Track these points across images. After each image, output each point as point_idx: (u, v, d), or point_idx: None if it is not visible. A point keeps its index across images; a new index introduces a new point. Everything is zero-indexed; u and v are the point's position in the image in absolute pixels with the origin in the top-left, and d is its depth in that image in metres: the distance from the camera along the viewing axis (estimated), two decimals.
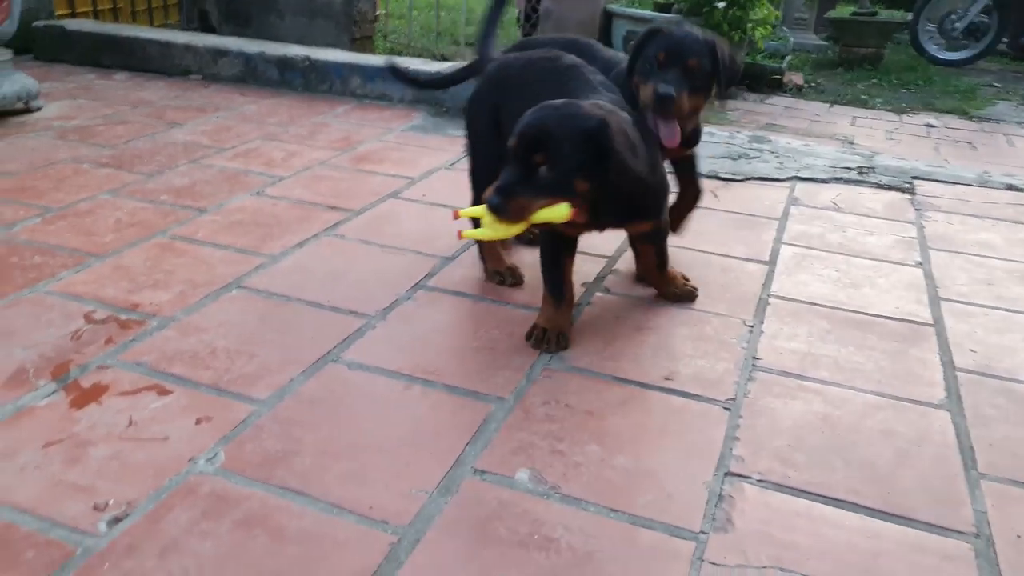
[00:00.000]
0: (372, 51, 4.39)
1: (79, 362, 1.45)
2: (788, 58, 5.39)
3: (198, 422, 1.31)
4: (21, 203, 2.14)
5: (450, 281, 1.83)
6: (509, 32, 5.33)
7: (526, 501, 1.17)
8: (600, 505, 1.17)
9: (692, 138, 1.81)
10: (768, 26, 4.15)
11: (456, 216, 1.46)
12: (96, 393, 1.37)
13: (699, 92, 1.66)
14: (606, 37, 4.49)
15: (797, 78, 5.14)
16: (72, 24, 3.81)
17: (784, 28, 5.49)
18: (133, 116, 3.00)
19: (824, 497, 1.21)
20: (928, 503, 1.21)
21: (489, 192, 1.37)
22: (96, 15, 4.21)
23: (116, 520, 1.10)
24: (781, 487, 1.22)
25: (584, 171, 1.36)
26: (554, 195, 1.36)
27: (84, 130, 2.80)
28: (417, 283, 1.81)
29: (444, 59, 4.27)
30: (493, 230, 1.36)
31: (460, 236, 1.46)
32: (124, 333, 1.55)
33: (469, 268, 1.90)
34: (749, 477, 1.24)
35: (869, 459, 1.30)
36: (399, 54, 4.70)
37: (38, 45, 3.76)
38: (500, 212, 1.34)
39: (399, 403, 1.38)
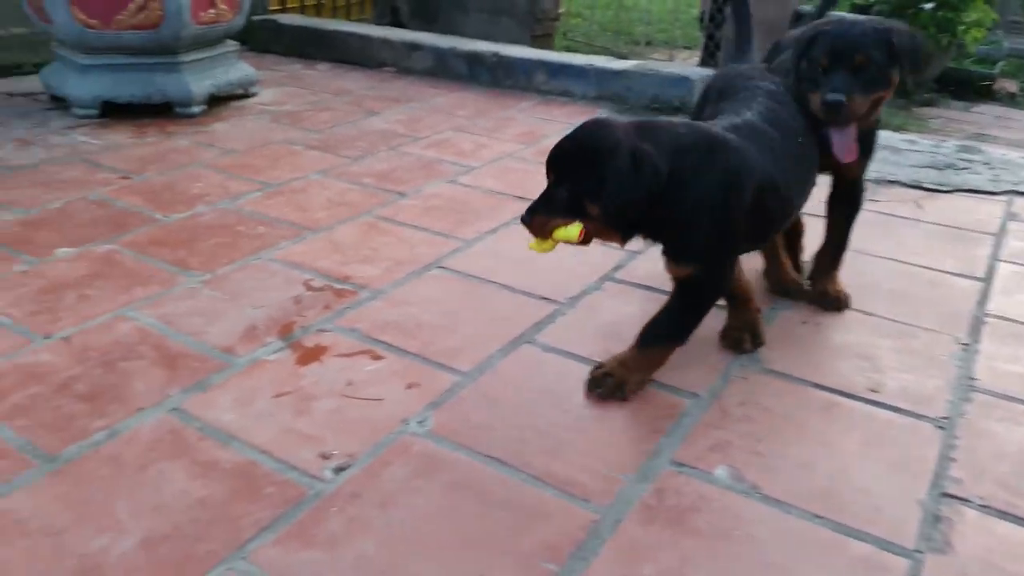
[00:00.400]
0: (552, 48, 4.47)
1: (301, 324, 1.60)
2: (1001, 64, 4.94)
3: (408, 387, 1.40)
4: (244, 178, 2.37)
5: (637, 274, 1.85)
6: (687, 34, 5.26)
7: (726, 497, 1.17)
8: (803, 509, 1.15)
9: (865, 143, 1.61)
10: (982, 29, 3.83)
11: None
12: (317, 353, 1.50)
13: (874, 89, 1.49)
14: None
15: (1010, 85, 4.70)
16: (284, 18, 4.16)
17: (998, 31, 5.04)
18: (336, 104, 3.23)
19: None
20: None
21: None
22: (303, 10, 4.56)
23: (340, 469, 1.20)
24: (1006, 515, 1.15)
25: (594, 194, 1.28)
26: (567, 215, 1.31)
27: (294, 115, 3.05)
28: (605, 274, 1.84)
29: (624, 58, 4.28)
30: (537, 243, 1.36)
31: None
32: (339, 301, 1.69)
33: (656, 262, 1.90)
34: (969, 501, 1.17)
35: None
36: (576, 52, 4.76)
37: (253, 37, 4.12)
38: (526, 225, 1.34)
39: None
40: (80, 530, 1.07)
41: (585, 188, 1.28)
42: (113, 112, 2.91)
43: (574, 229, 1.31)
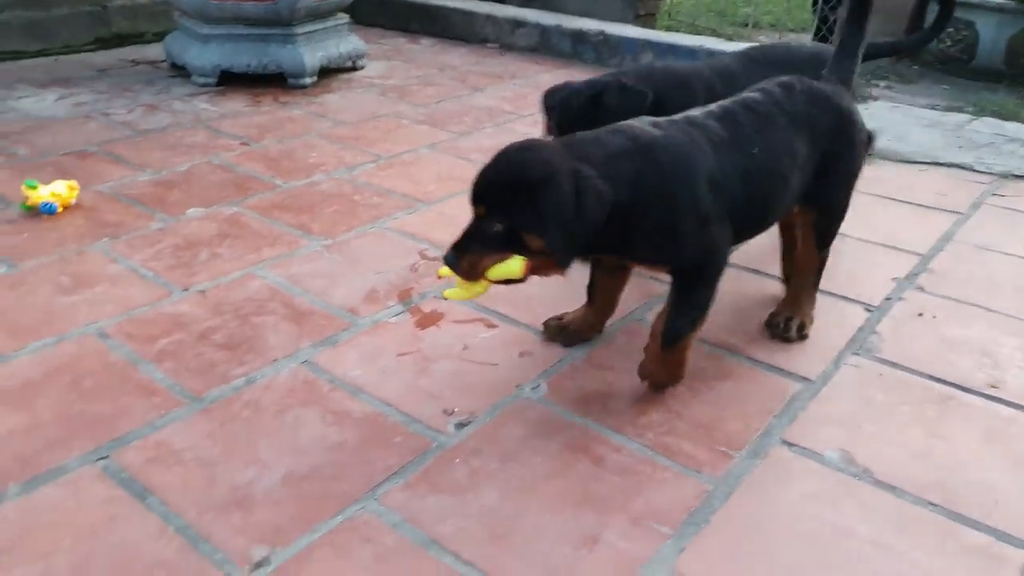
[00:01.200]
0: (655, 28, 4.43)
1: (418, 290, 1.68)
2: None
3: (521, 355, 1.46)
4: (357, 149, 2.47)
5: (742, 258, 1.85)
6: (795, 16, 5.12)
7: (835, 477, 1.19)
8: (917, 496, 1.16)
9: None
10: None
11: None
12: (435, 318, 1.58)
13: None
14: (918, 25, 4.14)
15: None
16: None
17: None
18: (440, 79, 3.31)
19: None
20: None
21: (448, 247, 1.22)
22: None
23: (462, 425, 1.27)
24: None
25: (535, 226, 1.14)
26: (503, 250, 1.17)
27: (400, 89, 3.14)
28: None
29: (729, 40, 4.21)
30: (462, 288, 1.22)
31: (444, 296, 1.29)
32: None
33: (755, 245, 1.90)
34: None
35: None
36: (679, 32, 4.70)
37: (359, 10, 4.22)
38: (454, 268, 1.21)
39: (706, 366, 1.45)
40: (229, 463, 1.18)
41: (522, 221, 1.14)
42: (230, 80, 3.06)
43: (516, 264, 1.17)
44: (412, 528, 1.07)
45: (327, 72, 3.24)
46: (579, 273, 1.34)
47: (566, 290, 1.67)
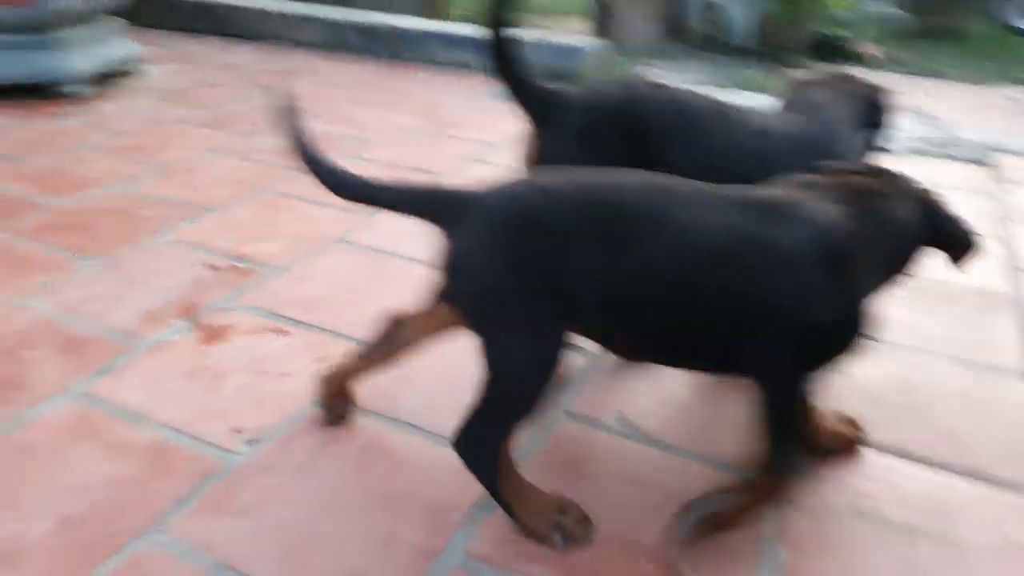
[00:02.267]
0: (448, 19, 4.48)
1: (204, 304, 1.62)
2: (867, 28, 5.27)
3: (316, 360, 1.45)
4: (136, 159, 2.32)
5: None
6: (583, 2, 5.33)
7: (611, 440, 1.28)
8: (676, 447, 1.28)
9: None
10: None
11: None
12: (223, 332, 1.53)
13: None
14: (678, 7, 4.47)
15: (874, 49, 5.03)
16: None
17: None
18: (227, 79, 3.17)
19: (901, 454, 1.30)
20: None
21: None
22: None
23: (254, 441, 1.25)
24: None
25: None
26: None
27: (184, 92, 2.98)
28: None
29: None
30: None
31: None
32: (241, 280, 1.71)
33: None
34: None
35: (950, 423, 1.37)
36: (471, 22, 4.78)
37: (140, 12, 3.94)
38: None
39: None
40: None
41: None
42: None
43: None
44: (200, 555, 1.04)
45: (104, 80, 3.01)
46: (370, 269, 1.33)
47: (364, 291, 1.68)
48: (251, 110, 2.80)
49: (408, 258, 1.83)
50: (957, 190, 2.41)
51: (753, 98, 3.27)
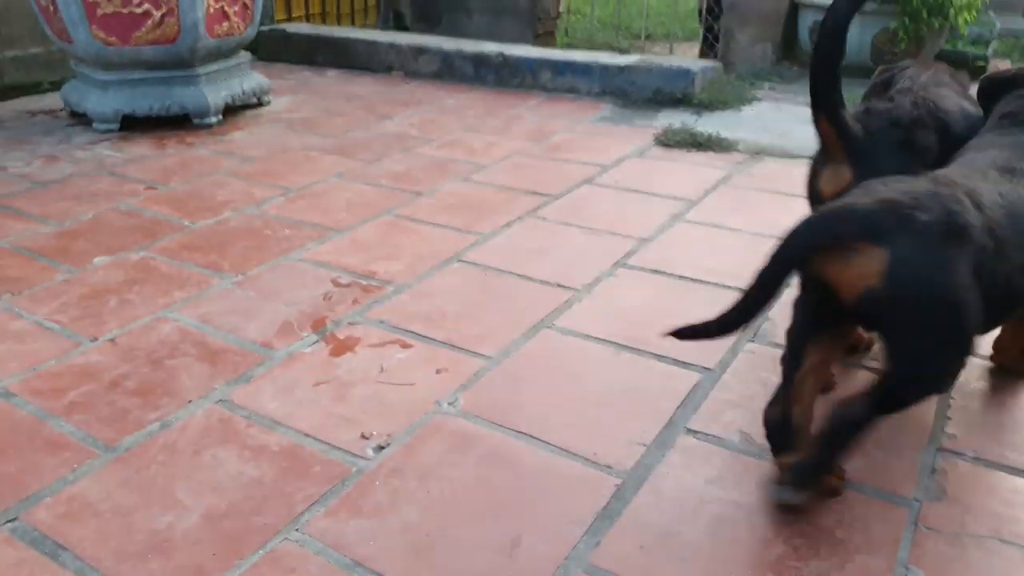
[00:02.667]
0: (554, 46, 4.56)
1: (333, 318, 1.69)
2: (993, 44, 5.00)
3: (437, 372, 1.50)
4: (266, 184, 2.47)
5: (648, 261, 1.94)
6: (685, 26, 5.33)
7: (740, 460, 1.26)
8: None
9: None
10: (974, 11, 3.90)
11: None
12: (350, 344, 1.60)
13: None
14: (792, 28, 4.39)
15: (1005, 65, 4.77)
16: (292, 27, 4.26)
17: (990, 12, 5.10)
18: (348, 109, 3.33)
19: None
20: None
21: None
22: (308, 19, 4.67)
23: (380, 448, 1.30)
24: (993, 464, 1.24)
25: None
26: None
27: (308, 121, 3.15)
28: (617, 261, 1.93)
29: (624, 52, 4.36)
30: None
31: None
32: (366, 296, 1.78)
33: (665, 249, 1.99)
34: (963, 454, 1.27)
35: None
36: (577, 48, 4.84)
37: (262, 46, 4.22)
38: None
39: (611, 366, 1.51)
40: (146, 509, 1.17)
41: None
42: (133, 125, 3.02)
43: None
44: (335, 553, 1.09)
45: (233, 110, 3.23)
46: (485, 286, 1.37)
47: (480, 307, 1.72)
48: (374, 138, 2.94)
49: (519, 275, 1.86)
50: None
51: None
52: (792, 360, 1.15)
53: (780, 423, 1.15)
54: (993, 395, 1.42)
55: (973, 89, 1.50)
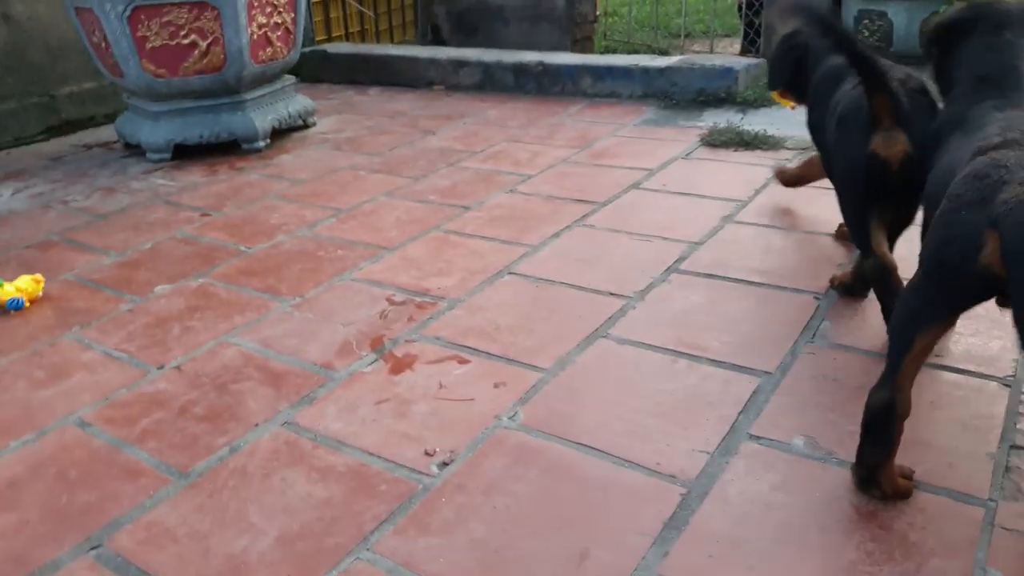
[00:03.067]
0: (592, 50, 4.56)
1: (390, 336, 1.72)
2: None
3: (495, 386, 1.51)
4: (317, 205, 2.52)
5: (701, 264, 1.92)
6: (725, 21, 5.26)
7: (804, 464, 1.24)
8: None
9: None
10: None
11: None
12: (408, 362, 1.62)
13: None
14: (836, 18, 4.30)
15: None
16: (332, 47, 4.34)
17: None
18: (392, 126, 3.38)
19: None
20: None
21: None
22: (347, 38, 4.75)
23: (444, 464, 1.31)
24: None
25: None
26: None
27: (354, 140, 3.21)
28: (669, 266, 1.92)
29: (663, 53, 4.34)
30: None
31: None
32: (421, 313, 1.81)
33: (717, 251, 1.98)
34: None
35: None
36: (615, 51, 4.83)
37: (304, 68, 4.30)
38: None
39: (668, 374, 1.50)
40: (222, 533, 1.20)
41: None
42: (185, 154, 3.11)
43: None
44: (407, 571, 1.11)
45: (280, 133, 3.30)
46: (537, 298, 1.37)
47: (534, 319, 1.73)
48: (419, 154, 2.97)
49: (570, 285, 1.87)
50: None
51: None
52: (901, 344, 1.13)
53: (885, 408, 1.14)
54: None
55: None
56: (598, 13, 4.83)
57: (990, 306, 1.62)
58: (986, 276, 1.02)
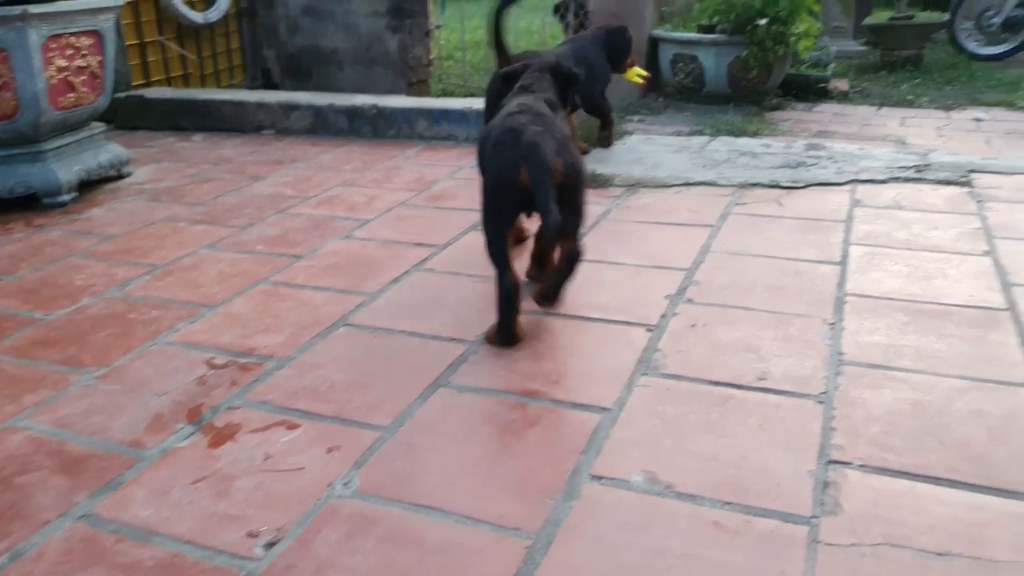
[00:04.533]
0: (428, 94, 4.56)
1: (210, 405, 1.57)
2: (832, 66, 5.39)
3: (329, 451, 1.41)
4: (130, 263, 2.31)
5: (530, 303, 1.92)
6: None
7: (644, 501, 1.24)
8: (714, 499, 1.23)
9: None
10: (811, 38, 4.19)
11: None
12: (231, 432, 1.48)
13: None
14: (653, 62, 4.59)
15: (842, 84, 5.14)
16: (151, 92, 4.07)
17: (825, 37, 5.52)
18: (217, 173, 3.19)
19: (925, 476, 1.27)
20: None
21: None
22: (169, 83, 4.48)
23: (270, 544, 1.20)
24: (883, 470, 1.29)
25: None
26: None
27: (174, 190, 2.99)
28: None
29: None
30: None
31: None
32: (246, 375, 1.67)
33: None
34: (850, 463, 1.31)
35: (962, 438, 1.36)
36: (452, 94, 4.88)
37: (119, 114, 4.00)
38: None
39: (510, 419, 1.47)
40: None
41: None
42: None
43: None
44: None
45: (89, 185, 3.03)
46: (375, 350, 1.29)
47: (371, 373, 1.64)
48: (247, 202, 2.81)
49: (410, 333, 1.80)
50: (940, 212, 2.42)
51: (735, 141, 3.33)
52: (499, 246, 1.72)
53: (511, 288, 1.71)
54: (874, 400, 1.47)
55: None
56: (432, 57, 4.85)
57: (803, 327, 1.73)
58: (522, 189, 1.63)
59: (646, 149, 3.18)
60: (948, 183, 2.68)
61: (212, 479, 1.35)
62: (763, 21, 3.88)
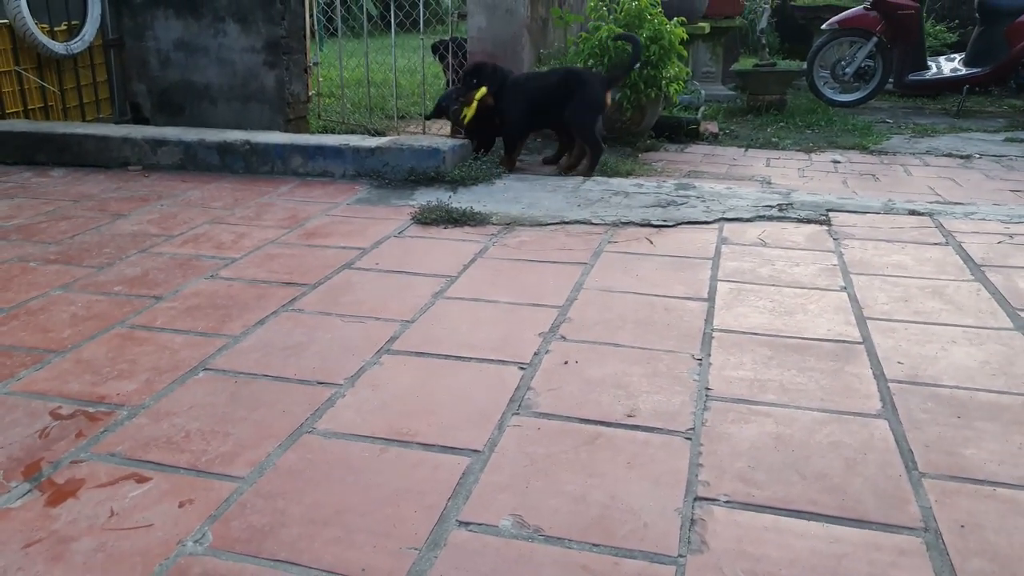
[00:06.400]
0: (307, 130, 4.49)
1: (50, 459, 1.45)
2: (702, 109, 5.71)
3: (181, 505, 1.33)
4: None
5: (412, 343, 1.89)
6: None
7: (512, 546, 1.23)
8: (581, 542, 1.23)
9: None
10: (681, 82, 4.42)
11: None
12: (72, 488, 1.37)
13: None
14: None
15: (712, 127, 5.45)
16: (4, 125, 3.81)
17: (695, 82, 5.85)
18: (76, 211, 3.00)
19: (787, 510, 1.30)
20: (879, 505, 1.31)
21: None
22: (27, 114, 4.21)
23: None
24: (747, 505, 1.31)
25: None
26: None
27: (26, 228, 2.79)
28: (381, 348, 1.87)
29: (378, 134, 4.40)
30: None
31: None
32: (94, 425, 1.56)
33: (428, 329, 1.97)
34: (716, 499, 1.33)
35: (822, 470, 1.40)
36: (332, 131, 4.82)
37: None
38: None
39: (377, 466, 1.43)
40: None
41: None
42: None
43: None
44: None
45: None
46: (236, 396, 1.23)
47: (230, 420, 1.57)
48: (106, 240, 2.65)
49: (274, 377, 1.73)
50: (801, 249, 2.58)
51: (609, 181, 3.44)
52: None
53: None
54: (739, 435, 1.52)
55: None
56: (312, 93, 4.79)
57: (672, 362, 1.78)
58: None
59: (523, 188, 3.25)
60: (809, 221, 2.86)
61: (47, 542, 1.24)
62: (636, 65, 4.06)
